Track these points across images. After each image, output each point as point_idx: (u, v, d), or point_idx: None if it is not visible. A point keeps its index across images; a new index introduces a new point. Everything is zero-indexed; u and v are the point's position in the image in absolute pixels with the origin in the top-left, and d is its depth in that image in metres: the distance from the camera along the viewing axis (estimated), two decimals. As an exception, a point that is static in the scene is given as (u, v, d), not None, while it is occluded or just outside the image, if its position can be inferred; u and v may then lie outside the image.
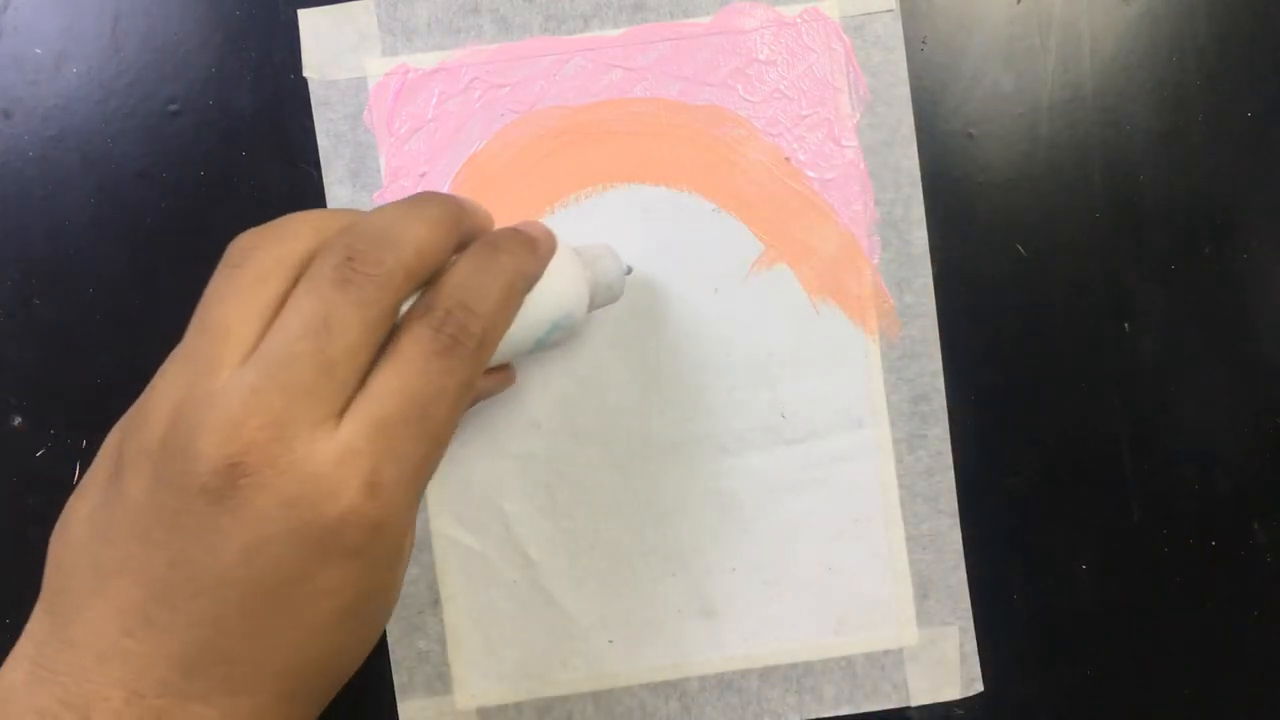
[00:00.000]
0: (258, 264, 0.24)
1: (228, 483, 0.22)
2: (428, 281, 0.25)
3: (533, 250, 0.28)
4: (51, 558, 0.24)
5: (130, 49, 0.36)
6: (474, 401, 0.30)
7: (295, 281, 0.24)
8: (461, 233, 0.26)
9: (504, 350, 0.28)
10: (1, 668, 0.24)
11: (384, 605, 0.26)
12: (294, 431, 0.22)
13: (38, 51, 0.36)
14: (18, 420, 0.36)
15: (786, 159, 0.36)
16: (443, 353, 0.24)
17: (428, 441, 0.24)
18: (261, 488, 0.22)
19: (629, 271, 0.34)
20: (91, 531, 0.24)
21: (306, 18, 0.36)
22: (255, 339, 0.23)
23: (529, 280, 0.28)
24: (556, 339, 0.30)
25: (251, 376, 0.22)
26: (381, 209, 0.26)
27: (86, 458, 0.36)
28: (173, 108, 0.36)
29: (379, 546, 0.24)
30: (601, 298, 0.32)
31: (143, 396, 0.25)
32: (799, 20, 0.36)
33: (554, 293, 0.29)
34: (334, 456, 0.23)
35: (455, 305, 0.24)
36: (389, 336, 0.24)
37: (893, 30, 0.36)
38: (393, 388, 0.23)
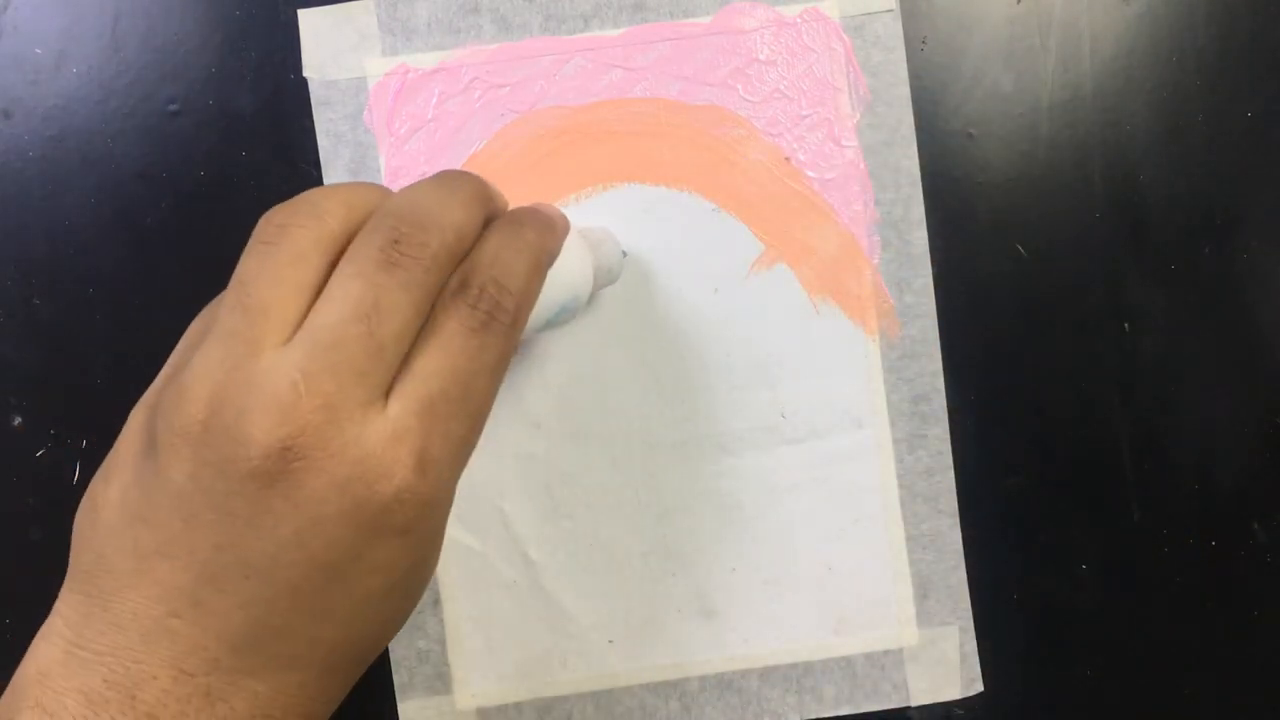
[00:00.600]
0: (294, 242, 0.24)
1: (279, 466, 0.22)
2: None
3: (552, 228, 0.28)
4: (80, 538, 0.24)
5: (130, 49, 0.36)
6: None
7: (331, 259, 0.24)
8: (487, 211, 0.27)
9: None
10: (33, 648, 0.24)
11: (426, 577, 0.26)
12: (345, 413, 0.22)
13: (38, 51, 0.36)
14: (18, 420, 0.36)
15: (786, 159, 0.36)
16: (479, 330, 0.24)
17: (471, 418, 0.24)
18: (314, 470, 0.22)
19: (624, 255, 0.35)
20: (126, 513, 0.23)
21: (306, 18, 0.36)
22: (296, 319, 0.23)
23: (552, 257, 0.28)
24: (563, 321, 0.31)
25: (299, 358, 0.22)
26: (414, 188, 0.26)
27: (87, 458, 0.36)
28: (173, 108, 0.36)
29: (427, 523, 0.24)
30: (602, 280, 0.33)
31: (171, 374, 0.25)
32: (799, 20, 0.36)
33: (565, 275, 0.30)
34: (385, 436, 0.23)
35: (488, 282, 0.25)
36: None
37: (893, 30, 0.36)
38: (436, 366, 0.24)
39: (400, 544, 0.24)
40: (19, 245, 0.36)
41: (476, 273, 0.25)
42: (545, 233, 0.27)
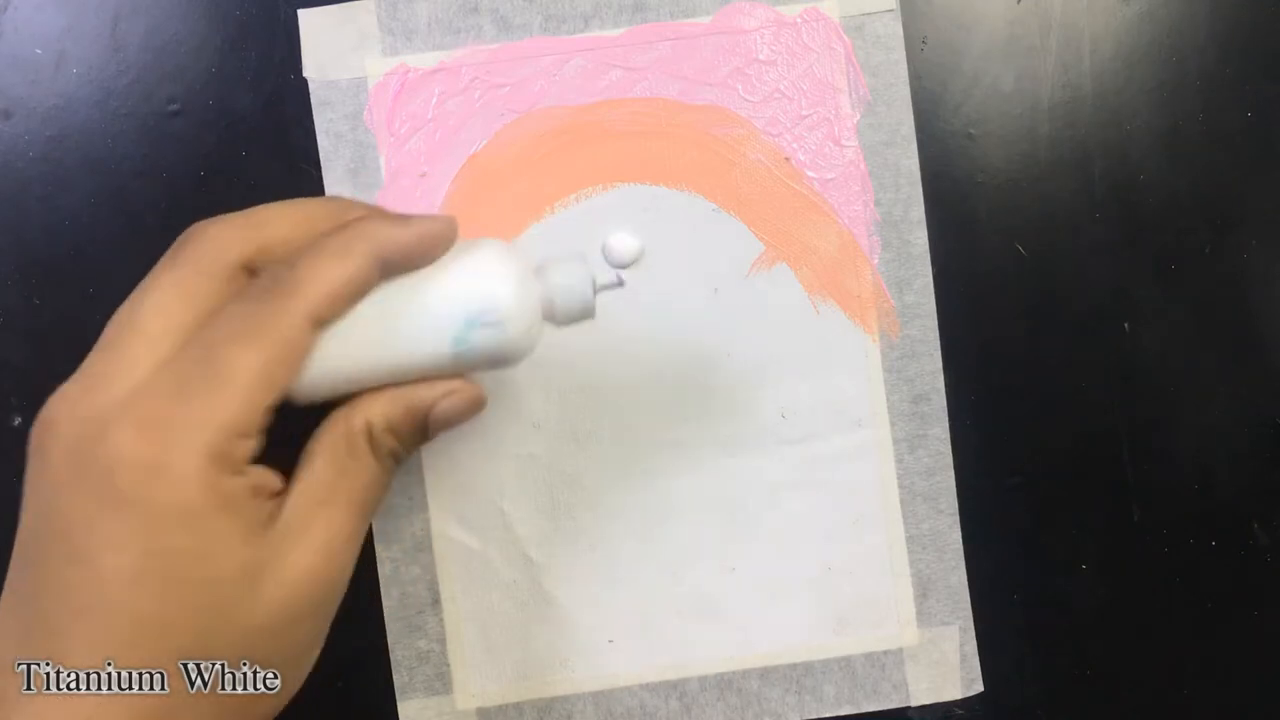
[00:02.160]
0: (194, 264, 0.27)
1: None
2: (282, 256, 0.27)
3: (398, 221, 0.27)
4: None
5: (130, 49, 0.36)
6: (442, 428, 0.29)
7: (225, 292, 0.26)
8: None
9: (422, 350, 0.27)
10: None
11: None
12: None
13: (38, 51, 0.36)
14: (18, 420, 0.36)
15: (786, 159, 0.36)
16: (257, 308, 0.25)
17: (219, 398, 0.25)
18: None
19: (620, 283, 0.31)
20: None
21: (306, 18, 0.36)
22: (173, 347, 0.26)
23: (378, 260, 0.27)
24: (485, 342, 0.28)
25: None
26: (312, 249, 0.26)
27: (86, 458, 0.36)
28: (173, 108, 0.36)
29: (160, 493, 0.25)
30: (563, 313, 0.29)
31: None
32: (799, 20, 0.36)
33: (463, 285, 0.28)
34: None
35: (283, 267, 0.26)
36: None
37: (893, 30, 0.36)
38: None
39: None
40: (19, 245, 0.36)
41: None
42: (372, 220, 0.27)
